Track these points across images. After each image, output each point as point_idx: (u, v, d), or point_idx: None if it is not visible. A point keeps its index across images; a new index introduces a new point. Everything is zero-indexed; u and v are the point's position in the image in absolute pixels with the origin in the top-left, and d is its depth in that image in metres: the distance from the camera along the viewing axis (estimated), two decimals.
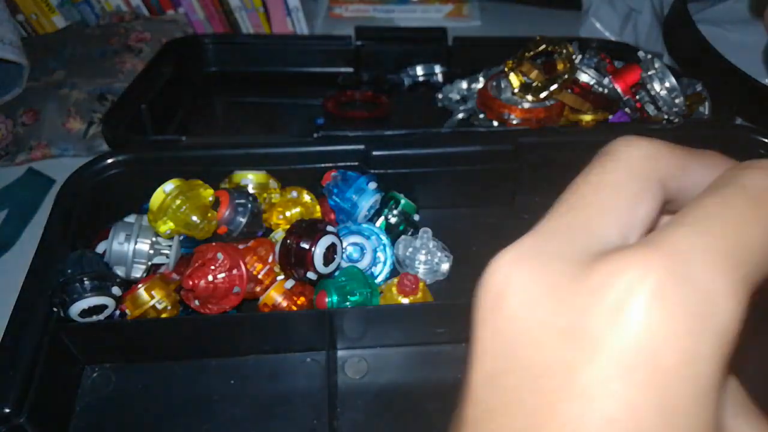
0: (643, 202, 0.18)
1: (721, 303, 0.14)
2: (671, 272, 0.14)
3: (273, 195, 0.54)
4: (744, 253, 0.14)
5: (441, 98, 0.75)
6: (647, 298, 0.14)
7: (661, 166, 0.19)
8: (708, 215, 0.15)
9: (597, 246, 0.16)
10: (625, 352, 0.13)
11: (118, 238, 0.47)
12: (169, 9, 0.89)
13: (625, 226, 0.17)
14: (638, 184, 0.18)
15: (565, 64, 0.64)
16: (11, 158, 0.69)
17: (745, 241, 0.15)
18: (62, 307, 0.43)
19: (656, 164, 0.18)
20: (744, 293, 0.14)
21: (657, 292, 0.14)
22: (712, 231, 0.15)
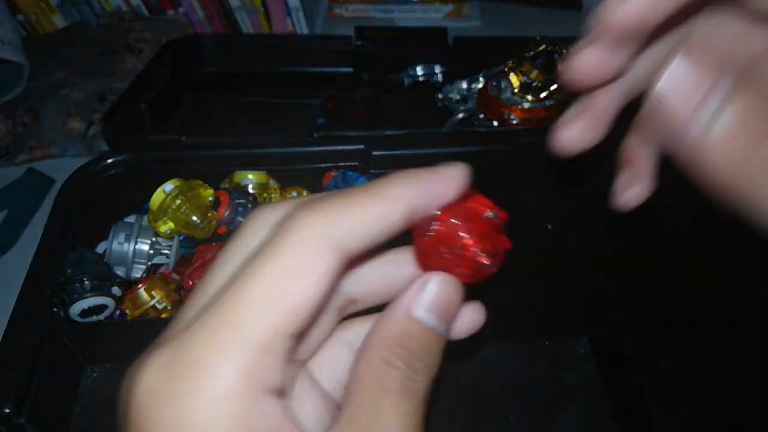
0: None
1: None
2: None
3: (273, 195, 0.54)
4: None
5: (441, 98, 0.75)
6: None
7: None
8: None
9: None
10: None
11: (118, 238, 0.47)
12: (169, 9, 0.89)
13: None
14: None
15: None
16: (11, 158, 0.69)
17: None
18: (62, 307, 0.43)
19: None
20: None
21: None
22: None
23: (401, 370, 0.21)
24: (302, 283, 0.19)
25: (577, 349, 0.49)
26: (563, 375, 0.48)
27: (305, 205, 0.20)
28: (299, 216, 0.20)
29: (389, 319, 0.22)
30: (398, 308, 0.22)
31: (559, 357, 0.49)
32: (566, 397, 0.46)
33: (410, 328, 0.22)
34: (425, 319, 0.22)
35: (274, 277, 0.19)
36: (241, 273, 0.19)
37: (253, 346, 0.18)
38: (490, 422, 0.45)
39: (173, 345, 0.18)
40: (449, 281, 0.22)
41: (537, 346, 0.49)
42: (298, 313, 0.19)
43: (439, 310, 0.22)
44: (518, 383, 0.47)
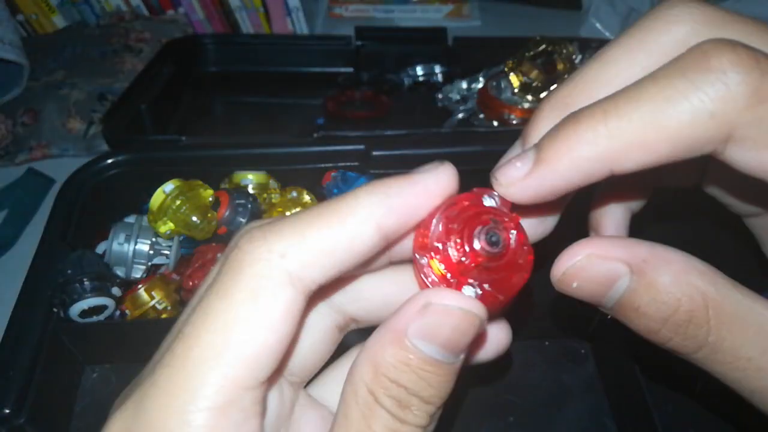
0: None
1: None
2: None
3: (273, 195, 0.54)
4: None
5: (441, 98, 0.75)
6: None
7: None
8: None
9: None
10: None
11: (118, 238, 0.47)
12: (169, 9, 0.89)
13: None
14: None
15: (565, 64, 0.64)
16: (11, 158, 0.69)
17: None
18: (62, 308, 0.43)
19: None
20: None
21: None
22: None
23: (390, 409, 0.18)
24: (256, 329, 0.17)
25: (577, 349, 0.49)
26: (563, 375, 0.48)
27: (253, 232, 0.18)
28: (245, 248, 0.17)
29: (381, 340, 0.18)
30: (388, 331, 0.18)
31: (559, 357, 0.49)
32: (566, 397, 0.46)
33: (405, 358, 0.18)
34: (425, 350, 0.18)
35: (223, 324, 0.17)
36: (189, 319, 0.17)
37: (208, 410, 0.16)
38: (490, 422, 0.45)
39: (131, 409, 0.17)
40: (460, 301, 0.18)
41: (537, 346, 0.49)
42: (258, 362, 0.17)
43: (446, 342, 0.18)
44: (518, 383, 0.47)
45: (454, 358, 0.18)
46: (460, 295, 0.18)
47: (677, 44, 0.19)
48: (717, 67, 0.16)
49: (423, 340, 0.18)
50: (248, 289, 0.17)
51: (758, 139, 0.17)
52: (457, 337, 0.18)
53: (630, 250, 0.19)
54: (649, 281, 0.18)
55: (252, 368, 0.17)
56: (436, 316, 0.18)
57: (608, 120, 0.18)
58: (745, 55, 0.16)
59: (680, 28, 0.19)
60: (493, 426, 0.44)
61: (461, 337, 0.18)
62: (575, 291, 0.19)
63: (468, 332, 0.18)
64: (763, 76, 0.16)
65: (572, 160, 0.18)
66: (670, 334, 0.18)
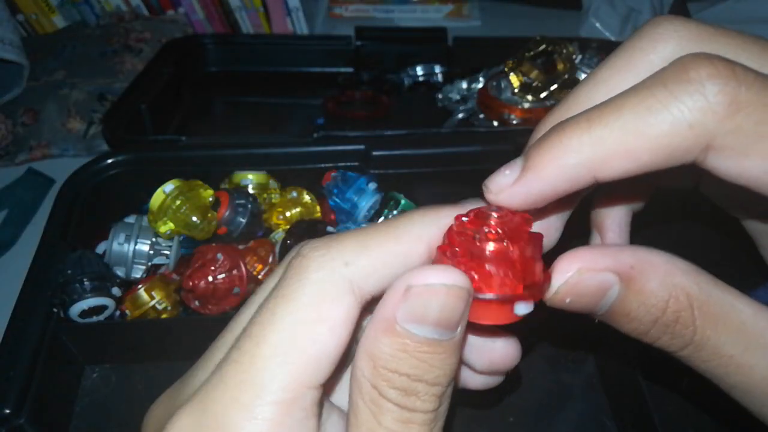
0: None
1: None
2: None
3: (273, 195, 0.54)
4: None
5: (441, 98, 0.75)
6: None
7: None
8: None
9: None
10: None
11: (118, 238, 0.47)
12: (169, 9, 0.89)
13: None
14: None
15: (565, 64, 0.64)
16: (11, 158, 0.69)
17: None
18: (62, 308, 0.43)
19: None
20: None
21: None
22: None
23: (396, 401, 0.17)
24: (320, 331, 0.18)
25: (577, 349, 0.49)
26: (563, 375, 0.48)
27: (314, 242, 0.19)
28: (310, 255, 0.18)
29: (374, 332, 0.18)
30: (379, 321, 0.18)
31: (559, 357, 0.49)
32: (566, 397, 0.46)
33: (400, 345, 0.17)
34: (419, 332, 0.18)
35: (290, 325, 0.17)
36: (255, 319, 0.18)
37: (275, 404, 0.17)
38: (490, 422, 0.45)
39: (197, 405, 0.18)
40: (440, 277, 0.18)
41: (537, 346, 0.49)
42: (319, 363, 0.18)
43: (438, 321, 0.18)
44: (518, 383, 0.47)
45: (451, 333, 0.18)
46: (438, 270, 0.18)
47: (664, 61, 0.19)
48: (695, 79, 0.17)
49: (413, 323, 0.17)
50: (313, 294, 0.18)
51: (737, 147, 0.17)
52: (447, 314, 0.18)
53: (616, 259, 0.19)
54: (638, 288, 0.19)
55: (315, 369, 0.17)
56: (420, 296, 0.18)
57: (592, 128, 0.18)
58: (722, 66, 0.17)
59: (666, 45, 0.20)
60: (493, 426, 0.44)
61: (452, 313, 0.18)
62: (568, 306, 0.20)
63: (457, 306, 0.18)
64: (739, 86, 0.17)
65: (557, 167, 0.19)
66: (659, 335, 0.19)
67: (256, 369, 0.17)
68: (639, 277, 0.18)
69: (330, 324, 0.18)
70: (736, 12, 0.88)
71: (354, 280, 0.18)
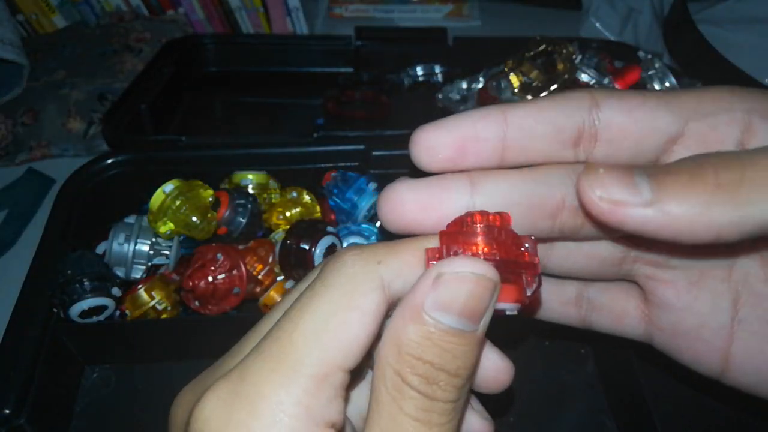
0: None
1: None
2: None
3: (273, 195, 0.54)
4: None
5: (441, 98, 0.75)
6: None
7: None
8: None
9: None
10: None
11: (117, 238, 0.47)
12: (169, 9, 0.89)
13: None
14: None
15: (565, 64, 0.64)
16: (11, 158, 0.69)
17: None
18: (62, 308, 0.43)
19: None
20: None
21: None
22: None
23: (418, 388, 0.18)
24: (352, 318, 0.19)
25: (577, 349, 0.49)
26: (563, 375, 0.48)
27: (348, 248, 0.21)
28: (346, 254, 0.20)
29: (400, 319, 0.19)
30: (406, 308, 0.19)
31: (559, 357, 0.49)
32: (566, 397, 0.46)
33: (426, 332, 0.18)
34: (445, 320, 0.18)
35: (325, 310, 0.19)
36: (294, 305, 0.20)
37: (310, 377, 0.18)
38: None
39: (234, 375, 0.19)
40: (472, 266, 0.18)
41: (537, 346, 0.49)
42: (350, 347, 0.19)
43: (464, 310, 0.18)
44: (518, 383, 0.47)
45: (474, 325, 0.19)
46: (470, 260, 0.18)
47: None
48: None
49: (440, 311, 0.18)
50: (348, 284, 0.19)
51: None
52: (474, 304, 0.18)
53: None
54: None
55: (344, 353, 0.19)
56: (450, 284, 0.18)
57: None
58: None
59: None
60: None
61: (478, 303, 0.18)
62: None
63: (484, 297, 0.19)
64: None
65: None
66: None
67: (294, 345, 0.18)
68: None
69: (360, 312, 0.19)
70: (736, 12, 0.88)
71: (384, 277, 0.20)
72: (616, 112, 0.21)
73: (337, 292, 0.19)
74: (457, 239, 0.20)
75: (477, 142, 0.22)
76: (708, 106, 0.21)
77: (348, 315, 0.19)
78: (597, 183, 0.18)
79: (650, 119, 0.21)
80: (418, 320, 0.18)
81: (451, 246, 0.20)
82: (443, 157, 0.22)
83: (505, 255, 0.19)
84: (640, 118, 0.21)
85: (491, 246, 0.19)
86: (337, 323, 0.19)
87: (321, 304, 0.19)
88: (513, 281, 0.20)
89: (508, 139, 0.22)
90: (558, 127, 0.22)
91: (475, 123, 0.22)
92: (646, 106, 0.21)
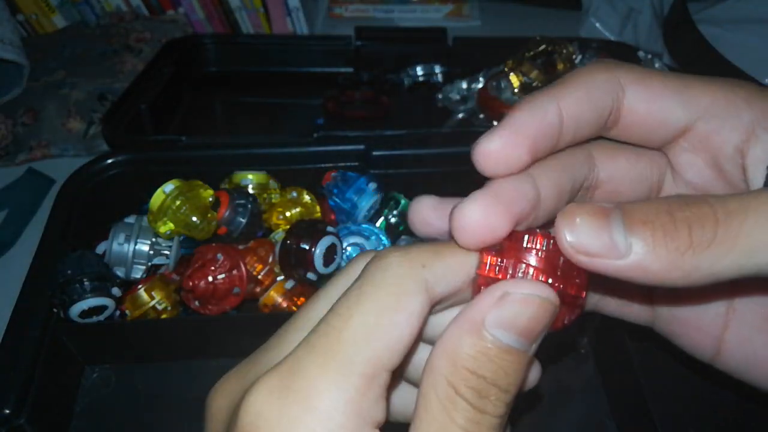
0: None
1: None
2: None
3: (273, 195, 0.54)
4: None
5: (441, 98, 0.75)
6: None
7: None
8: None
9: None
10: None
11: (117, 238, 0.47)
12: (169, 9, 0.89)
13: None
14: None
15: (565, 64, 0.64)
16: (11, 158, 0.69)
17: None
18: (62, 308, 0.43)
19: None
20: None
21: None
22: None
23: (470, 400, 0.19)
24: (399, 319, 0.19)
25: (577, 349, 0.49)
26: (563, 375, 0.48)
27: (390, 249, 0.21)
28: (392, 255, 0.20)
29: (458, 332, 0.19)
30: (465, 322, 0.19)
31: (559, 357, 0.49)
32: (566, 397, 0.46)
33: (483, 348, 0.19)
34: (504, 338, 0.19)
35: (374, 310, 0.19)
36: (342, 303, 0.20)
37: (360, 375, 0.18)
38: None
39: (285, 369, 0.19)
40: (537, 289, 0.19)
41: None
42: (396, 347, 0.19)
43: (524, 330, 0.19)
44: None
45: (529, 346, 0.19)
46: (536, 284, 0.19)
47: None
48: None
49: (501, 329, 0.19)
50: (395, 285, 0.19)
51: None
52: (534, 325, 0.19)
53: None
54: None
55: (391, 353, 0.19)
56: (515, 304, 0.19)
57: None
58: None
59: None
60: None
61: (538, 325, 0.19)
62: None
63: (544, 320, 0.19)
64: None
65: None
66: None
67: (345, 343, 0.19)
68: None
69: (407, 314, 0.19)
70: (736, 12, 0.88)
71: (429, 280, 0.20)
72: (637, 100, 0.22)
73: (384, 292, 0.19)
74: (519, 258, 0.20)
75: (544, 138, 0.22)
76: (720, 108, 0.22)
77: (396, 316, 0.19)
78: (574, 235, 0.19)
79: (665, 112, 0.22)
80: (477, 335, 0.19)
81: (514, 263, 0.20)
82: (519, 163, 0.21)
83: (562, 284, 0.20)
84: (656, 110, 0.22)
85: (555, 275, 0.20)
86: (386, 323, 0.19)
87: (370, 303, 0.19)
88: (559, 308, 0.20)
89: (564, 127, 0.22)
90: (601, 111, 0.22)
91: (542, 119, 0.22)
92: (664, 98, 0.22)
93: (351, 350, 0.18)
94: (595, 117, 0.22)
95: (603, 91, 0.22)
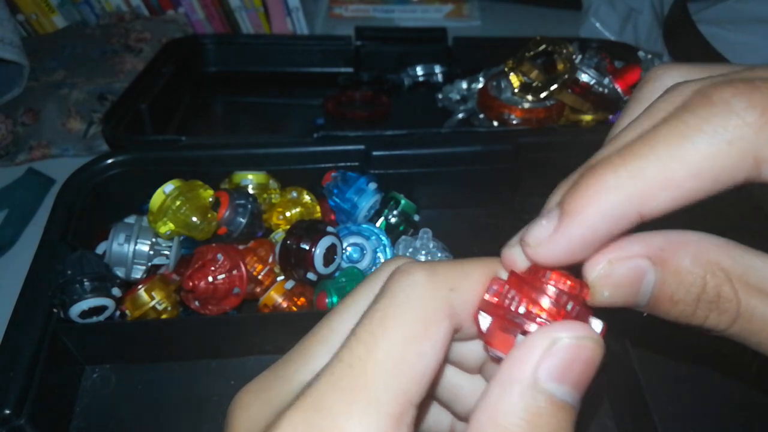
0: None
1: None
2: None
3: (273, 195, 0.54)
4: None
5: (441, 98, 0.75)
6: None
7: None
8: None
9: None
10: None
11: (117, 239, 0.47)
12: (169, 9, 0.89)
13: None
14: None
15: (565, 64, 0.64)
16: (11, 158, 0.69)
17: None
18: (62, 308, 0.43)
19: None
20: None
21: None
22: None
23: None
24: (426, 348, 0.18)
25: None
26: None
27: (414, 262, 0.20)
28: (418, 272, 0.19)
29: (505, 393, 0.17)
30: (512, 383, 0.17)
31: None
32: None
33: (537, 409, 0.17)
34: (558, 393, 0.17)
35: (400, 338, 0.18)
36: (365, 325, 0.18)
37: (387, 416, 0.17)
38: None
39: (308, 405, 0.18)
40: (588, 331, 0.18)
41: None
42: (423, 380, 0.18)
43: (578, 379, 0.17)
44: None
45: (580, 399, 0.18)
46: (583, 325, 0.18)
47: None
48: (721, 100, 0.17)
49: (556, 381, 0.17)
50: (421, 309, 0.18)
51: None
52: (586, 373, 0.17)
53: (645, 243, 0.19)
54: (673, 269, 0.19)
55: (418, 385, 0.18)
56: (568, 351, 0.17)
57: (627, 162, 0.18)
58: (741, 84, 0.17)
59: (667, 81, 0.21)
60: None
61: (591, 372, 0.18)
62: (609, 300, 0.20)
63: (596, 365, 0.18)
64: (764, 96, 0.17)
65: (598, 207, 0.18)
66: (706, 313, 0.19)
67: (370, 376, 0.17)
68: (672, 258, 0.19)
69: (433, 343, 0.18)
70: (736, 12, 0.88)
71: (456, 306, 0.19)
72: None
73: (409, 317, 0.18)
74: (522, 290, 0.19)
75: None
76: None
77: (422, 346, 0.18)
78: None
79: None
80: (530, 394, 0.17)
81: (520, 298, 0.19)
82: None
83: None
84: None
85: (557, 314, 0.19)
86: (412, 354, 0.18)
87: (394, 329, 0.18)
88: None
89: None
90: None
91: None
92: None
93: (377, 385, 0.17)
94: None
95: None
